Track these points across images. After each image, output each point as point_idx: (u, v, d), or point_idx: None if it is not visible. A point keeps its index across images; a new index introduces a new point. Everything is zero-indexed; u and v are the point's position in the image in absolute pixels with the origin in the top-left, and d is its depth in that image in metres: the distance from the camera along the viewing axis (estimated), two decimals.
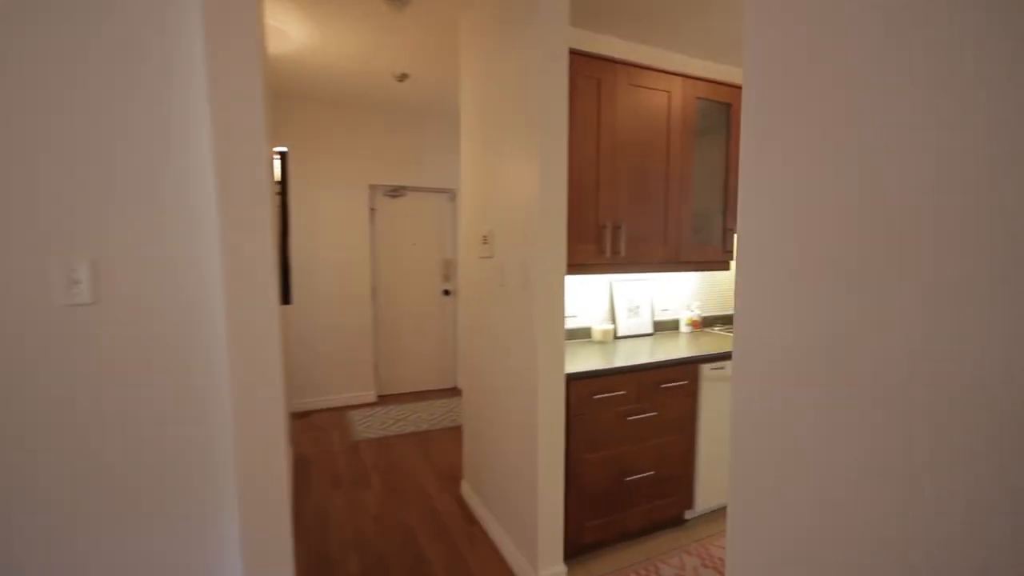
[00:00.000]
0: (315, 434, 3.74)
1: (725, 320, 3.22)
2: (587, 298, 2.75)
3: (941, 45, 0.53)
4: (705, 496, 2.41)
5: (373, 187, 4.46)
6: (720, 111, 2.70)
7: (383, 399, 4.58)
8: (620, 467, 2.19)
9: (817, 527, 0.69)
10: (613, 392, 2.12)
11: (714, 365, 2.36)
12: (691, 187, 2.60)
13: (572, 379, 2.02)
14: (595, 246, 2.33)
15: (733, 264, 3.30)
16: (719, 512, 2.53)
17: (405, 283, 4.69)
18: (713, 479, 2.42)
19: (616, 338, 2.73)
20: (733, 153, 2.71)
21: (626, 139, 2.37)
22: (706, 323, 3.14)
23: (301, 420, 4.05)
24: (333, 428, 3.88)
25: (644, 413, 2.22)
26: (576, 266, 2.28)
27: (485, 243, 2.27)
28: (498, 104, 2.14)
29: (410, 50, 3.06)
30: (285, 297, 2.09)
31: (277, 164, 2.49)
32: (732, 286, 3.27)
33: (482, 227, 2.33)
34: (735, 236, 2.75)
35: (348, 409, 4.31)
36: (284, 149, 2.14)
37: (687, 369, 2.31)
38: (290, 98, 4.01)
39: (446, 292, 4.85)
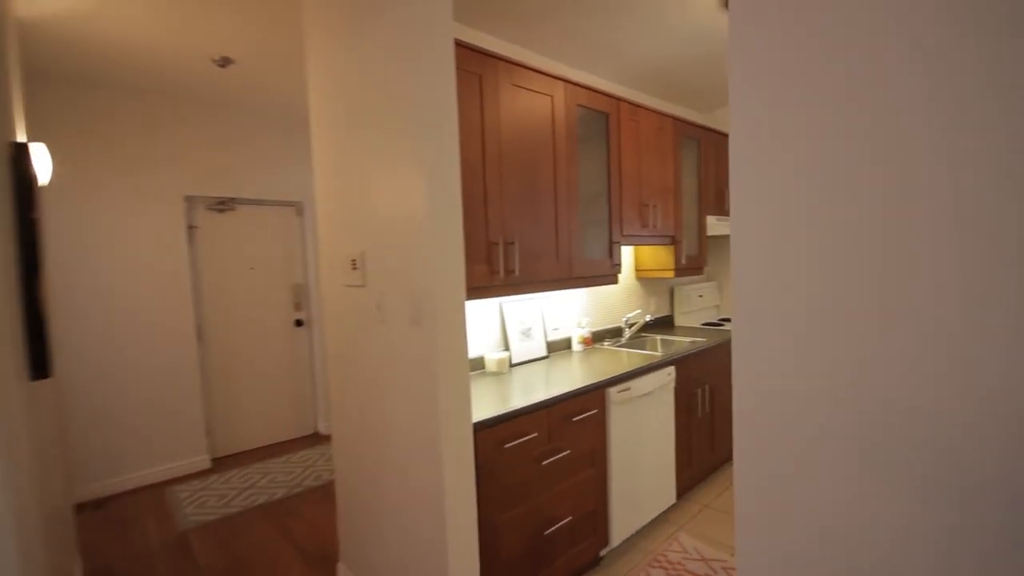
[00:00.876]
0: (119, 529, 2.78)
1: (613, 334, 3.16)
2: (476, 324, 2.43)
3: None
4: (620, 529, 2.24)
5: (192, 199, 3.57)
6: (599, 120, 2.61)
7: (221, 463, 3.67)
8: (537, 521, 1.89)
9: None
10: (524, 436, 1.82)
11: (620, 388, 2.20)
12: (578, 198, 2.44)
13: (478, 429, 1.67)
14: (487, 266, 2.01)
15: (621, 277, 3.27)
16: (631, 541, 2.39)
17: (244, 316, 3.84)
18: (626, 510, 2.26)
19: (512, 366, 2.45)
20: (614, 163, 2.63)
21: (512, 145, 2.11)
22: (596, 338, 3.03)
23: (95, 512, 3.00)
24: (148, 515, 2.93)
25: (558, 453, 1.96)
26: (469, 290, 1.94)
27: (355, 268, 1.80)
28: (362, 98, 1.71)
29: (232, 26, 2.43)
30: (39, 367, 1.37)
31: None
32: (618, 298, 3.24)
33: (350, 248, 1.85)
34: (620, 248, 2.68)
35: (171, 484, 3.34)
36: (23, 140, 1.39)
37: (596, 396, 2.12)
38: (60, 82, 2.98)
39: (299, 323, 4.11)
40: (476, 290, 1.98)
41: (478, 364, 2.39)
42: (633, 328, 3.11)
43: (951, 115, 0.44)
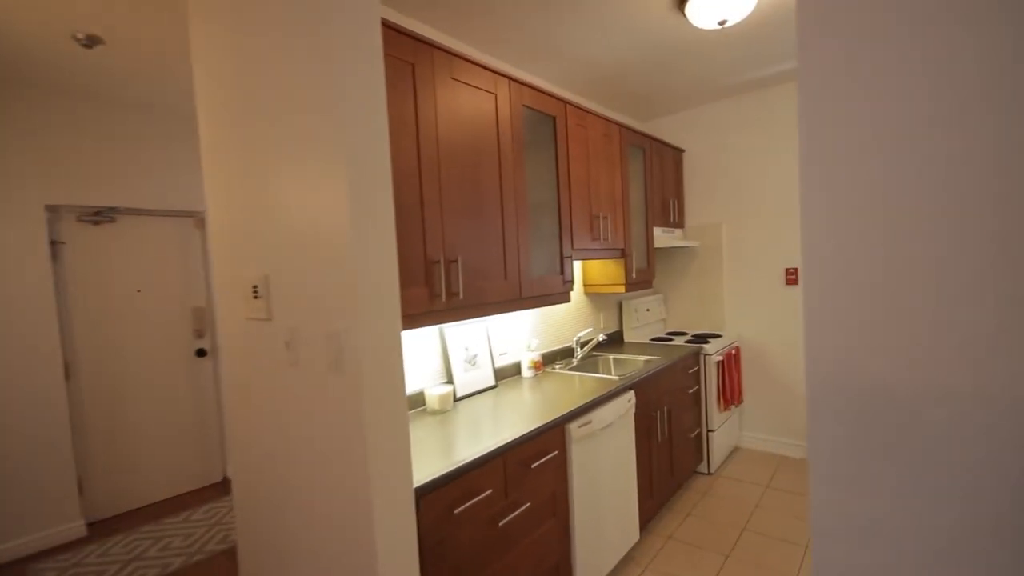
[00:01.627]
0: None
1: (564, 355, 2.93)
2: (415, 354, 2.09)
3: None
4: None
5: (56, 209, 2.93)
6: (545, 124, 2.38)
7: (100, 528, 3.02)
8: None
9: None
10: (478, 495, 1.51)
11: (580, 422, 1.96)
12: (527, 209, 2.19)
13: (422, 494, 1.34)
14: (426, 289, 1.70)
15: (573, 295, 3.05)
16: None
17: (130, 346, 3.22)
18: (591, 557, 2.01)
19: (457, 400, 2.14)
20: (563, 171, 2.41)
21: (452, 148, 1.82)
22: (546, 360, 2.79)
23: None
24: None
25: (517, 509, 1.66)
26: (406, 319, 1.62)
27: (257, 297, 1.42)
28: (262, 85, 1.34)
29: None
30: None
31: None
32: (569, 316, 3.01)
33: (250, 271, 1.47)
34: (572, 263, 2.46)
35: (31, 562, 2.67)
36: None
37: (555, 434, 1.86)
38: None
39: (201, 352, 3.53)
40: (413, 318, 1.65)
41: (417, 401, 2.06)
42: (586, 348, 2.89)
43: None
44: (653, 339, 3.48)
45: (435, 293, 1.73)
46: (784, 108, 3.30)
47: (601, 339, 2.82)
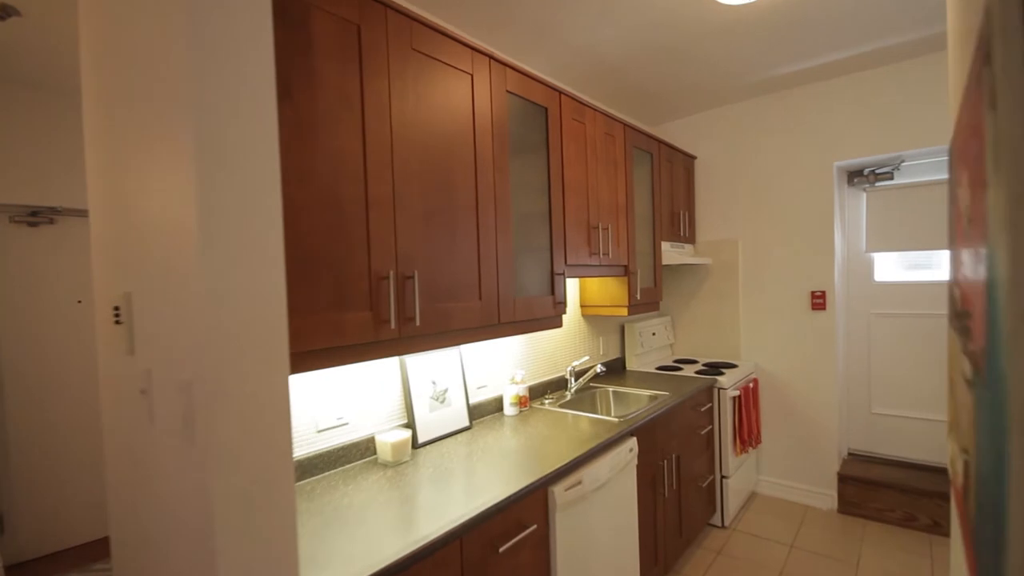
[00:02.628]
0: None
1: (555, 386, 2.52)
2: (365, 389, 1.70)
3: None
4: None
5: None
6: (536, 116, 2.02)
7: (21, 571, 2.62)
8: None
9: None
10: None
11: (567, 483, 1.55)
12: (510, 216, 1.81)
13: None
14: (370, 314, 1.31)
15: (565, 317, 2.66)
16: None
17: (66, 366, 2.84)
18: None
19: (417, 447, 1.74)
20: (556, 172, 2.04)
21: (413, 136, 1.45)
22: (534, 394, 2.38)
23: None
24: None
25: None
26: (335, 352, 1.23)
27: (119, 322, 1.04)
28: (125, 50, 0.98)
29: None
30: None
31: None
32: (562, 342, 2.61)
33: (113, 287, 1.09)
34: (565, 282, 2.07)
35: None
36: None
37: (534, 500, 1.45)
38: None
39: None
40: (350, 351, 1.27)
41: (363, 450, 1.66)
42: (581, 380, 2.49)
43: None
44: (659, 368, 3.07)
45: (382, 319, 1.34)
46: (812, 111, 2.92)
47: (599, 371, 2.42)
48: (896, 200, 2.94)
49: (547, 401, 2.33)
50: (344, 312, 1.25)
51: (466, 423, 1.95)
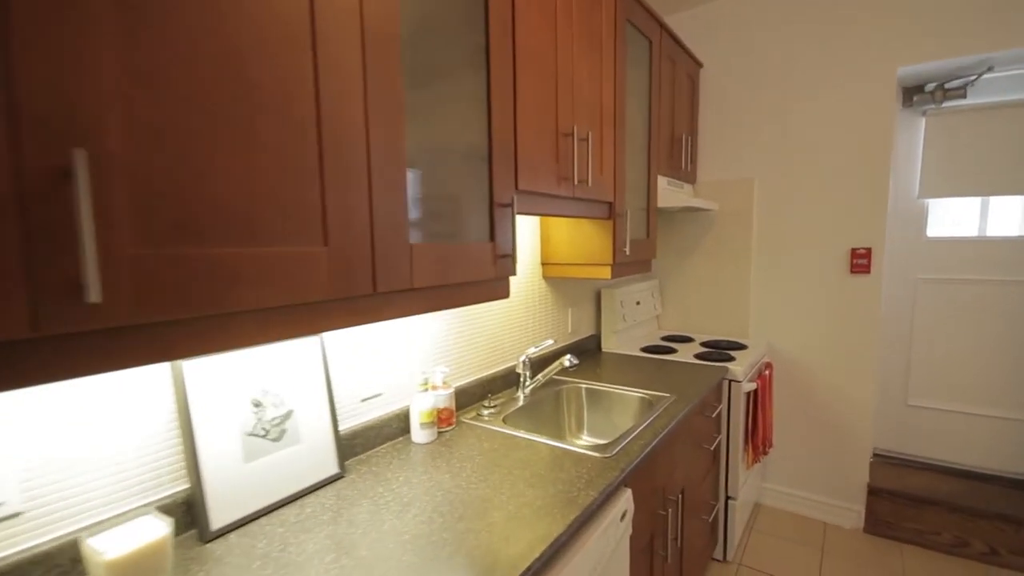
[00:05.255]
0: None
1: (501, 383, 1.68)
2: (82, 431, 0.80)
3: None
4: None
5: None
6: None
7: None
8: None
9: None
10: None
11: None
12: (400, 84, 0.90)
13: None
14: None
15: (519, 283, 1.79)
16: None
17: None
18: None
19: (211, 537, 0.87)
20: (499, 29, 1.12)
21: None
22: (466, 400, 1.54)
23: None
24: None
25: None
26: None
27: None
28: None
29: None
30: None
31: None
32: (512, 317, 1.75)
33: None
34: (514, 221, 1.20)
35: None
36: None
37: None
38: None
39: None
40: None
41: (69, 553, 0.77)
42: (543, 375, 1.66)
43: None
44: (646, 349, 2.28)
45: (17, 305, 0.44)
46: (863, 6, 2.08)
47: (568, 365, 1.59)
48: (966, 127, 2.18)
49: (487, 411, 1.49)
50: None
51: (333, 470, 1.09)
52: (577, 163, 1.43)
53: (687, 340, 2.47)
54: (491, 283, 1.16)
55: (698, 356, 2.14)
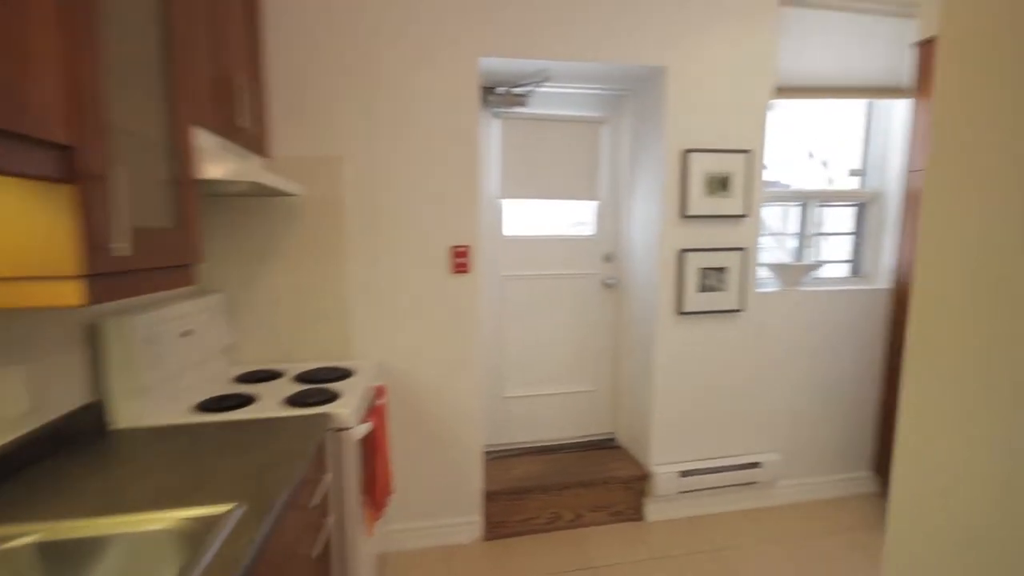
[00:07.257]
0: None
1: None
2: None
3: None
4: None
5: None
6: None
7: None
8: None
9: None
10: None
11: None
12: None
13: None
14: None
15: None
16: None
17: None
18: None
19: None
20: None
21: None
22: None
23: None
24: None
25: None
26: None
27: None
28: None
29: None
30: None
31: None
32: None
33: None
34: None
35: None
36: None
37: None
38: None
39: None
40: None
41: None
42: None
43: None
44: (206, 405, 1.44)
45: None
46: None
47: None
48: (530, 133, 2.37)
49: None
50: None
51: None
52: None
53: (275, 376, 1.76)
54: None
55: (290, 400, 1.48)
